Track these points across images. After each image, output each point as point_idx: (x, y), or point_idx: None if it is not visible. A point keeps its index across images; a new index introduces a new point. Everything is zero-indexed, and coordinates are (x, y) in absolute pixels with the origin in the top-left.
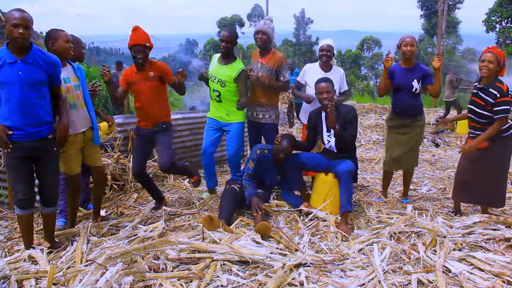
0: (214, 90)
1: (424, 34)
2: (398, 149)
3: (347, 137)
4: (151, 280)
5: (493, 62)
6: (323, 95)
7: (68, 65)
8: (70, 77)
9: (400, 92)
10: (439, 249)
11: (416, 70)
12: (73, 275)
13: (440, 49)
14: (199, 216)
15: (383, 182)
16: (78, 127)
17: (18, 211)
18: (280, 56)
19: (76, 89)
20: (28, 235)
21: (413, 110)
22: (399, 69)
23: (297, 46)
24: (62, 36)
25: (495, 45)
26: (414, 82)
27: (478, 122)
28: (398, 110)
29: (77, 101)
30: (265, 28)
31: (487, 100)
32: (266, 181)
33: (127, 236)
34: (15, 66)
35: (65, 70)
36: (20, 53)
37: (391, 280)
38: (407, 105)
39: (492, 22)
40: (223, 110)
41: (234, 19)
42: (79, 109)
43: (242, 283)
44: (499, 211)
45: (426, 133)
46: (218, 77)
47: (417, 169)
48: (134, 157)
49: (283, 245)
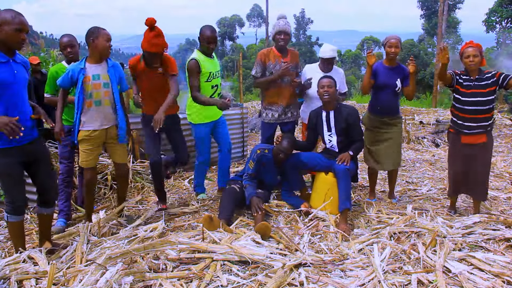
0: (220, 84)
1: (424, 34)
2: (379, 149)
3: (359, 147)
4: (151, 280)
5: (477, 55)
6: (324, 88)
7: (104, 63)
8: (100, 75)
9: (384, 91)
10: (439, 249)
11: (399, 70)
12: (73, 275)
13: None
14: (199, 216)
15: (370, 182)
16: (100, 124)
17: (13, 218)
18: (296, 52)
19: (104, 87)
20: (21, 239)
21: (394, 109)
22: (383, 68)
23: (297, 46)
24: (103, 34)
25: (471, 40)
26: (397, 81)
27: (482, 111)
28: (379, 108)
29: (103, 99)
30: (287, 28)
31: (489, 84)
32: (266, 181)
33: (127, 236)
34: (10, 65)
35: (98, 67)
36: (9, 53)
37: (391, 280)
38: (389, 103)
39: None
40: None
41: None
42: (104, 107)
43: (242, 283)
44: (499, 211)
45: (426, 133)
46: (219, 70)
47: (417, 169)
48: (148, 145)
49: (283, 245)
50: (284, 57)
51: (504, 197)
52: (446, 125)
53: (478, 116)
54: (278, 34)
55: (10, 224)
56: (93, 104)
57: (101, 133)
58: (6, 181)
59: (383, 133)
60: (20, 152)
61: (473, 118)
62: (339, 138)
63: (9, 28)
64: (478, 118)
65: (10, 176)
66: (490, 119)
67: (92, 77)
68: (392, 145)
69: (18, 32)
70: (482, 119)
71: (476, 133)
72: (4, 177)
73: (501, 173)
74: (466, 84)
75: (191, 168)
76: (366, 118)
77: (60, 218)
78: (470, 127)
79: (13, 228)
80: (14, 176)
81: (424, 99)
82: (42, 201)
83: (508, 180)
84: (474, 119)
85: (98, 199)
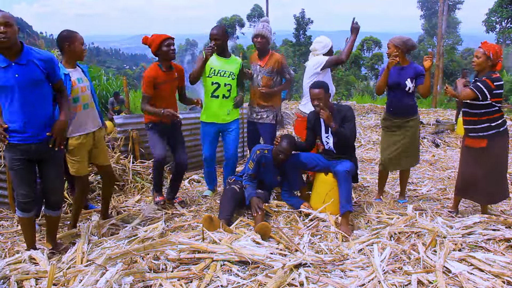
0: (226, 84)
1: (424, 35)
2: (393, 149)
3: (345, 132)
4: (151, 281)
5: (481, 56)
6: (315, 101)
7: (78, 67)
8: (82, 78)
9: (394, 91)
10: (439, 249)
11: (409, 69)
12: (73, 276)
13: (440, 49)
14: (199, 216)
15: (379, 182)
16: (90, 127)
17: (20, 214)
18: (278, 56)
19: (88, 89)
20: (30, 236)
21: (407, 110)
22: (393, 68)
23: (297, 46)
24: (79, 38)
25: (486, 41)
26: (407, 81)
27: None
28: (392, 109)
29: (89, 101)
30: (263, 31)
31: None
32: (266, 182)
33: (127, 237)
34: (10, 69)
35: (76, 71)
36: (13, 56)
37: (391, 280)
38: (400, 104)
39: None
40: (226, 108)
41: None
42: (91, 109)
43: (242, 283)
44: (499, 211)
45: (426, 133)
46: (228, 70)
47: (417, 169)
48: (155, 146)
49: (283, 246)
50: (261, 60)
51: None
52: (446, 125)
53: (472, 119)
54: (255, 37)
55: (19, 219)
56: (82, 108)
57: (90, 137)
58: (13, 176)
59: (398, 134)
60: (26, 150)
61: (469, 121)
62: (335, 139)
63: None
64: (473, 120)
65: (15, 172)
66: (488, 122)
67: (77, 81)
68: (405, 146)
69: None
70: (477, 121)
71: (475, 136)
72: (11, 172)
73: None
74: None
75: (190, 169)
76: (382, 119)
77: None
78: (470, 129)
79: (21, 223)
80: (19, 172)
81: (424, 99)
82: (45, 202)
83: (508, 180)
84: (470, 121)
85: (98, 198)
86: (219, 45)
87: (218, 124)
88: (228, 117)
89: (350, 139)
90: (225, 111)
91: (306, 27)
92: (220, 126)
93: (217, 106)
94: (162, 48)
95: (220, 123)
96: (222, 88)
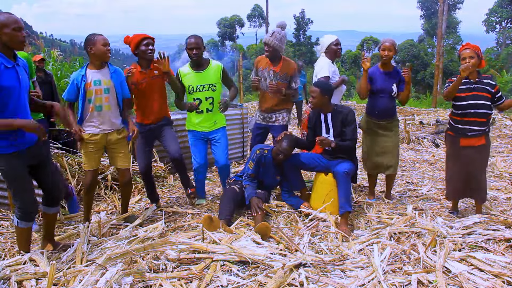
0: (207, 98)
1: (424, 35)
2: (377, 152)
3: (346, 144)
4: (151, 281)
5: (474, 57)
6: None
7: (105, 68)
8: (102, 80)
9: (380, 95)
10: (439, 249)
11: (394, 74)
12: (73, 276)
13: (440, 50)
14: (199, 216)
15: (369, 183)
16: (101, 129)
17: (23, 225)
18: (294, 64)
19: (105, 93)
20: (27, 244)
21: (391, 112)
22: (379, 73)
23: (297, 46)
24: (100, 40)
25: (468, 42)
26: (394, 86)
27: (483, 114)
28: (377, 112)
29: (104, 104)
30: (270, 41)
31: (489, 91)
32: (266, 182)
33: (127, 237)
34: (14, 70)
35: (99, 73)
36: (12, 58)
37: (391, 280)
38: (386, 107)
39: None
40: (213, 119)
41: (234, 19)
42: (105, 112)
43: (242, 283)
44: (499, 211)
45: (426, 133)
46: (207, 83)
47: (417, 169)
48: (138, 155)
49: (283, 246)
50: (274, 66)
51: (504, 197)
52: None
53: (478, 120)
54: (264, 44)
55: (19, 230)
56: (94, 109)
57: (102, 137)
58: (14, 186)
59: (382, 137)
60: (25, 155)
61: (474, 121)
62: (336, 139)
63: (8, 29)
64: (478, 121)
65: (16, 181)
66: (489, 121)
67: (93, 83)
68: (390, 148)
69: (16, 31)
70: (482, 123)
71: (475, 135)
72: (12, 182)
73: (501, 173)
74: (466, 88)
75: (190, 169)
76: (364, 121)
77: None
78: (471, 130)
79: (21, 233)
80: (20, 180)
81: (424, 99)
82: (47, 199)
83: (508, 180)
84: (474, 122)
85: (98, 198)
86: (198, 55)
87: (200, 132)
88: (215, 125)
89: (350, 148)
90: (213, 121)
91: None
92: (207, 135)
93: (202, 118)
94: (141, 47)
95: (207, 132)
96: (204, 102)
